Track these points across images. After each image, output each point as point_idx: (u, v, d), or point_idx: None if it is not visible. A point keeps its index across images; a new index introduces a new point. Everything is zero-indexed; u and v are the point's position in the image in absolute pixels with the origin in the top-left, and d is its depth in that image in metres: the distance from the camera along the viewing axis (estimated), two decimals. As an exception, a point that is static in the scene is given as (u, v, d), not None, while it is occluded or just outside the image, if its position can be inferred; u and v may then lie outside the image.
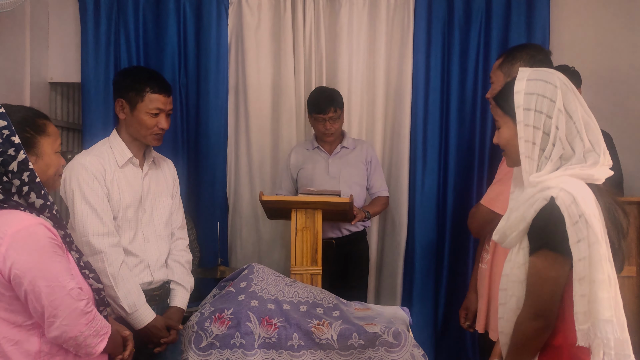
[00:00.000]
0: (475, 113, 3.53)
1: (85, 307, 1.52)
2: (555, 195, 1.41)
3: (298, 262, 2.70)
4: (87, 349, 1.53)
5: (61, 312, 1.47)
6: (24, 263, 1.45)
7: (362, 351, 2.26)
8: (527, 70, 1.56)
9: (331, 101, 3.10)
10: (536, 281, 1.46)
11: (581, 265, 1.39)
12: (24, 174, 1.49)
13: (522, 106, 1.49)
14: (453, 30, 3.53)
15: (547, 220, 1.43)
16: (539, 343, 1.47)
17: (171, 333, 2.14)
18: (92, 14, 3.51)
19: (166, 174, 2.35)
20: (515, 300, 1.51)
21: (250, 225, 3.66)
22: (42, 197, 1.52)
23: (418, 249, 3.57)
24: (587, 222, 1.38)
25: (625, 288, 2.98)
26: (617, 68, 3.51)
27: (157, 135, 2.20)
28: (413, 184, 3.58)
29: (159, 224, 2.24)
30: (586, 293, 1.38)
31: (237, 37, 3.61)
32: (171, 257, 2.28)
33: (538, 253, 1.46)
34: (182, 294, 2.26)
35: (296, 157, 3.31)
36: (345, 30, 3.58)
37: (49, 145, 1.61)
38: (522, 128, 1.49)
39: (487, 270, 2.17)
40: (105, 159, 2.14)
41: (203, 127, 3.57)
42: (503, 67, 2.21)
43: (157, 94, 2.17)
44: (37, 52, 3.47)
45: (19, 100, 3.25)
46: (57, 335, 1.48)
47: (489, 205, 2.11)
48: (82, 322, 1.50)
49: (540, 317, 1.45)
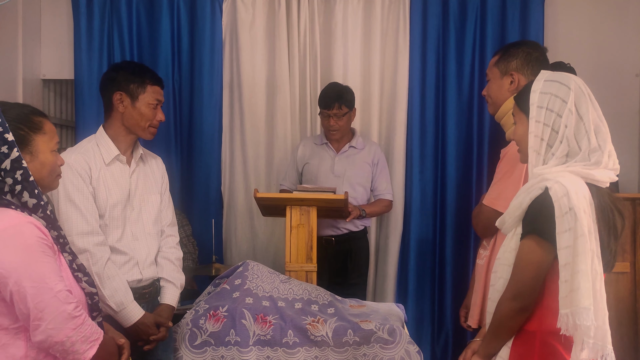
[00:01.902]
0: (471, 109, 3.53)
1: (74, 310, 1.45)
2: (550, 186, 1.50)
3: (293, 259, 2.69)
4: (75, 355, 1.46)
5: (47, 315, 1.40)
6: (9, 262, 1.40)
7: (357, 348, 2.26)
8: (547, 72, 1.65)
9: (337, 98, 3.09)
10: (519, 264, 1.56)
11: (565, 253, 1.47)
12: (17, 173, 1.44)
13: (535, 104, 1.59)
14: (448, 27, 3.53)
15: (539, 208, 1.52)
16: (514, 324, 1.58)
17: (160, 330, 2.12)
18: (84, 10, 3.49)
19: (155, 171, 2.33)
20: (502, 282, 1.62)
21: (245, 222, 3.65)
22: (36, 196, 1.48)
23: (413, 246, 3.57)
24: (576, 215, 1.46)
25: (620, 284, 3.00)
26: (611, 64, 3.52)
27: (154, 128, 2.23)
28: (410, 182, 3.58)
29: (147, 222, 2.23)
30: (568, 279, 1.46)
31: (231, 33, 3.59)
32: (161, 255, 2.27)
33: (526, 237, 1.56)
34: (172, 291, 2.24)
35: (303, 151, 3.31)
36: (340, 27, 3.57)
37: (45, 143, 1.57)
38: (534, 124, 1.59)
39: (484, 266, 2.18)
40: (90, 157, 2.12)
41: (197, 124, 3.56)
42: (499, 64, 2.21)
43: (156, 86, 2.22)
44: (30, 48, 3.44)
45: (11, 97, 3.23)
46: (42, 339, 1.42)
47: (492, 205, 2.11)
48: (70, 326, 1.43)
49: (517, 298, 1.55)
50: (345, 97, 3.12)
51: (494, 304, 1.64)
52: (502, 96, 2.18)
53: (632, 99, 3.54)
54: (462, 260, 3.54)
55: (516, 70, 2.15)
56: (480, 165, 3.51)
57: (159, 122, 2.23)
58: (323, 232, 3.15)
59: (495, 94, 2.22)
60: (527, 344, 1.57)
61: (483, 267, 2.19)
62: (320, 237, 3.07)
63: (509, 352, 1.59)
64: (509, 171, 2.08)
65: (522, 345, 1.58)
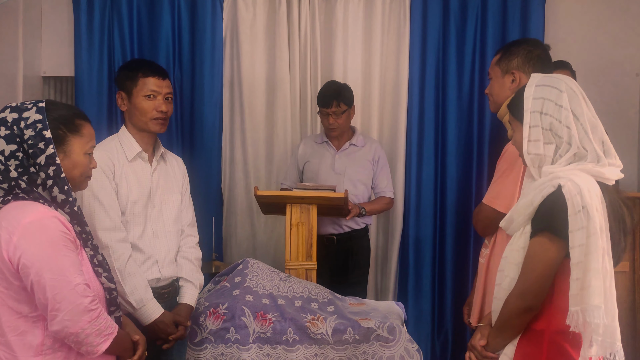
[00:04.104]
0: (472, 107, 3.53)
1: (90, 304, 1.51)
2: (563, 184, 1.50)
3: (293, 257, 2.70)
4: (89, 347, 1.52)
5: (64, 306, 1.47)
6: (32, 254, 1.46)
7: (356, 346, 2.27)
8: (538, 76, 1.66)
9: (336, 96, 3.09)
10: (529, 262, 1.55)
11: (578, 251, 1.47)
12: (50, 168, 1.53)
13: (529, 110, 1.60)
14: (449, 26, 3.53)
15: (551, 206, 1.52)
16: (520, 322, 1.58)
17: (179, 329, 2.12)
18: (85, 7, 3.49)
19: (175, 171, 2.34)
20: (508, 280, 1.61)
21: (245, 220, 3.65)
22: (65, 192, 1.56)
23: (413, 245, 3.58)
24: (589, 213, 1.46)
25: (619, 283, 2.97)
26: (611, 63, 3.52)
27: (158, 120, 2.19)
28: (410, 180, 3.58)
29: (168, 220, 2.23)
30: (580, 277, 1.47)
31: (232, 31, 3.59)
32: (180, 254, 2.27)
33: (538, 235, 1.55)
34: (191, 290, 2.24)
35: (304, 149, 3.31)
36: (341, 25, 3.57)
37: (80, 145, 1.62)
38: (527, 129, 1.60)
39: (484, 265, 2.18)
40: (113, 154, 2.15)
41: (198, 122, 3.56)
42: (500, 62, 2.21)
43: (150, 77, 2.19)
44: (30, 45, 3.44)
45: (11, 94, 3.24)
46: (58, 329, 1.48)
47: (491, 204, 2.11)
48: (85, 319, 1.49)
49: (524, 296, 1.55)
50: (343, 94, 3.12)
51: (500, 302, 1.63)
52: (504, 94, 2.18)
53: (632, 99, 3.54)
54: (462, 258, 3.55)
55: (517, 69, 2.15)
56: (480, 163, 3.51)
57: (162, 113, 2.19)
58: (325, 230, 3.15)
59: (496, 92, 2.22)
60: (534, 343, 1.56)
61: (483, 265, 2.20)
62: (321, 236, 3.08)
63: (515, 350, 1.59)
64: (507, 169, 2.08)
65: (529, 344, 1.57)
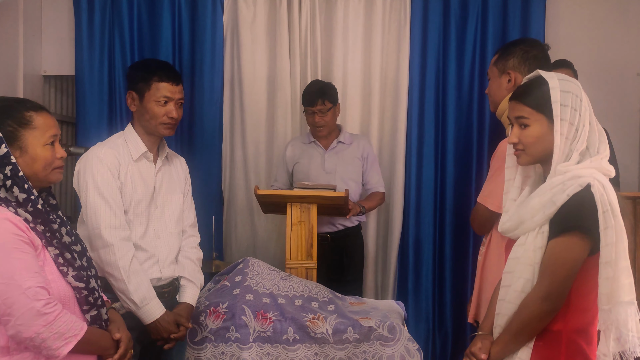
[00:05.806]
0: (472, 108, 3.53)
1: (43, 307, 1.43)
2: (591, 182, 1.48)
3: (293, 257, 2.70)
4: (48, 352, 1.46)
5: (15, 311, 1.41)
6: None
7: (357, 345, 2.27)
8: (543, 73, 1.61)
9: (320, 94, 3.09)
10: (554, 263, 1.50)
11: (608, 250, 1.46)
12: (7, 168, 1.47)
13: (559, 102, 1.53)
14: (449, 25, 3.53)
15: (579, 205, 1.48)
16: (541, 326, 1.53)
17: (180, 329, 2.11)
18: (86, 6, 3.49)
19: (179, 171, 2.34)
20: (522, 282, 1.54)
21: (245, 219, 3.65)
22: (25, 191, 1.48)
23: (413, 244, 3.58)
24: (614, 212, 1.47)
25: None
26: (612, 62, 3.52)
27: (167, 124, 2.17)
28: (409, 179, 3.58)
29: (170, 220, 2.23)
30: (610, 276, 1.46)
31: (232, 30, 3.59)
32: (182, 254, 2.27)
33: (565, 235, 1.50)
34: (192, 290, 2.23)
35: (292, 151, 3.30)
36: (341, 24, 3.57)
37: (35, 138, 1.54)
38: (559, 122, 1.52)
39: (480, 263, 2.19)
40: (120, 152, 2.13)
41: (198, 120, 3.56)
42: (498, 63, 2.21)
43: (164, 82, 2.15)
44: (31, 44, 3.44)
45: (12, 92, 3.23)
46: (13, 334, 1.43)
47: (484, 203, 2.12)
48: (39, 323, 1.43)
49: (550, 299, 1.50)
50: (327, 92, 3.12)
51: (509, 304, 1.57)
52: (501, 94, 2.18)
53: (632, 98, 3.54)
54: (462, 258, 3.55)
55: (513, 69, 2.15)
56: (480, 163, 3.51)
57: (172, 119, 2.17)
58: (319, 228, 3.14)
59: (494, 92, 2.23)
60: (552, 344, 1.53)
61: (479, 263, 2.21)
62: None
63: (531, 352, 1.54)
64: (500, 168, 2.08)
65: (545, 346, 1.53)
